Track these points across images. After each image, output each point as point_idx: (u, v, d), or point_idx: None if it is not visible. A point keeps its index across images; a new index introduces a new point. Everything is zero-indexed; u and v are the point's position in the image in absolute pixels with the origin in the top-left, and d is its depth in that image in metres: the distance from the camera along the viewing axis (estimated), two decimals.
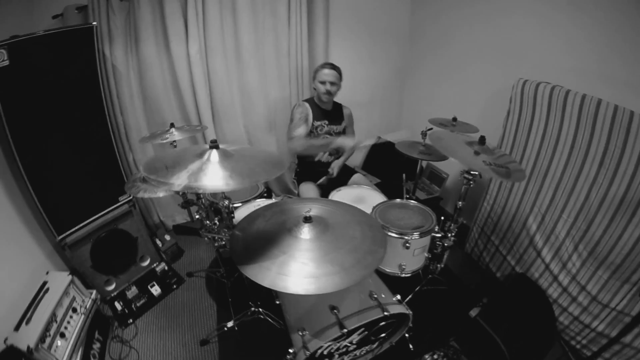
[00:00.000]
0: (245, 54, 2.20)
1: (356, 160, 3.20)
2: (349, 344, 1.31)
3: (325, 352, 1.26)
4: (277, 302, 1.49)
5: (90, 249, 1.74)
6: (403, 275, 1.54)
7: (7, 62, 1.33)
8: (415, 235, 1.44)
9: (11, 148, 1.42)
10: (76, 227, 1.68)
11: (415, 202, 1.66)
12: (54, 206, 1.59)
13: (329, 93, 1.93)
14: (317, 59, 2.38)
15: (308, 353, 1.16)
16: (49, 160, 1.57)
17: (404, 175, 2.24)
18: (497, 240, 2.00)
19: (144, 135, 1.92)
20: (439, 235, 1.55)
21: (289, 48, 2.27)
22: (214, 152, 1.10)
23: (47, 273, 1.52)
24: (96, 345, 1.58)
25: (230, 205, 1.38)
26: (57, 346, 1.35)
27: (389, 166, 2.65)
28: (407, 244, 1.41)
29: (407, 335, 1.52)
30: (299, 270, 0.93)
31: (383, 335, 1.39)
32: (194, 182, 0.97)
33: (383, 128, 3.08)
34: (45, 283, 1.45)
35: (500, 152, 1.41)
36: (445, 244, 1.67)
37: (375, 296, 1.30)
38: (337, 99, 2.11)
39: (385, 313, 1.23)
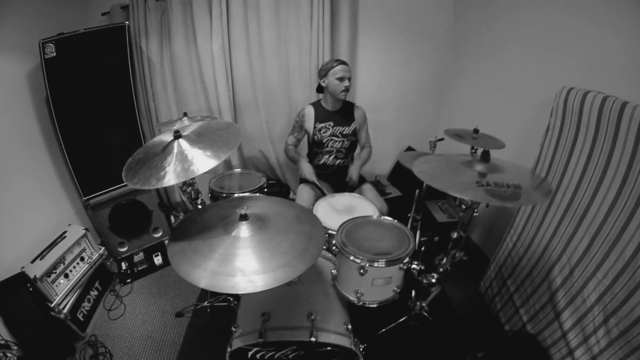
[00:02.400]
0: (267, 50, 2.24)
1: (383, 169, 2.97)
2: (283, 358, 1.24)
3: (258, 357, 1.21)
4: (240, 295, 1.51)
5: (109, 213, 2.03)
6: (367, 305, 1.28)
7: (54, 54, 1.69)
8: (381, 263, 1.19)
9: (54, 123, 1.78)
10: (99, 192, 1.99)
11: (396, 221, 1.42)
12: (84, 172, 1.92)
13: (347, 90, 1.78)
14: (339, 56, 2.26)
15: (229, 350, 1.15)
16: (84, 135, 1.90)
17: (417, 191, 2.00)
18: (512, 287, 1.60)
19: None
20: (416, 268, 1.30)
21: (310, 45, 2.21)
22: (182, 140, 1.13)
23: (69, 225, 1.84)
24: (94, 293, 1.86)
25: (192, 191, 1.47)
26: (59, 283, 1.64)
27: (412, 180, 2.37)
28: (362, 271, 1.19)
29: None
30: (205, 263, 0.91)
31: None
32: (183, 177, 0.97)
33: (414, 137, 2.79)
34: (64, 232, 1.77)
35: (521, 169, 1.14)
36: (425, 281, 1.41)
37: (313, 317, 1.18)
38: (361, 99, 1.97)
39: (312, 339, 1.11)
